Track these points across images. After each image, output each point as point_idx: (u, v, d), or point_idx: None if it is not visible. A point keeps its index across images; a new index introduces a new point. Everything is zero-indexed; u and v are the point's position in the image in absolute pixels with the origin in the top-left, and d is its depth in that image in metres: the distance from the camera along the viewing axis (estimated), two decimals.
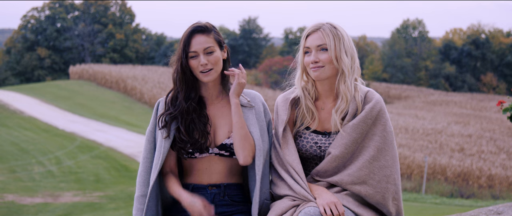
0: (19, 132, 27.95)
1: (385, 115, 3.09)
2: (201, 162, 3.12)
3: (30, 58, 66.24)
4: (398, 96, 55.61)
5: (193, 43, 3.03)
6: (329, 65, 3.05)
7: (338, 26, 3.10)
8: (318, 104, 3.17)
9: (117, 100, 42.79)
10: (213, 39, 3.06)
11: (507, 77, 67.34)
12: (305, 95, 3.15)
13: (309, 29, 3.12)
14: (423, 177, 24.69)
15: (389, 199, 3.05)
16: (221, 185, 3.12)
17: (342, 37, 3.06)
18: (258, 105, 3.18)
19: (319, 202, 2.92)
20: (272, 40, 76.19)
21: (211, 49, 3.04)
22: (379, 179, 3.02)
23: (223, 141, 3.09)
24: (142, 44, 72.18)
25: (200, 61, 3.02)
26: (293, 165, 3.06)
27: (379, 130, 3.05)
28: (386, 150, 3.05)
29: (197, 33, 3.04)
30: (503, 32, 70.44)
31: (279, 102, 3.20)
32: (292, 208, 2.96)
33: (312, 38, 3.09)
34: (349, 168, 3.03)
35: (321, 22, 3.11)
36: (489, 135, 33.79)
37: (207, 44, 3.04)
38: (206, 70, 3.04)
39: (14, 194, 17.28)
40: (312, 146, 3.12)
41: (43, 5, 69.44)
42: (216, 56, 3.06)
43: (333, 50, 3.04)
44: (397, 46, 68.38)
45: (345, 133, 3.03)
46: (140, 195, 3.12)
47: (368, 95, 3.09)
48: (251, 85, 48.49)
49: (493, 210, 4.20)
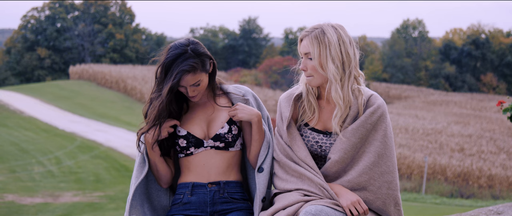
0: (19, 132, 27.95)
1: (386, 120, 3.05)
2: (198, 158, 3.14)
3: (30, 58, 66.23)
4: (398, 96, 55.61)
5: (181, 82, 3.03)
6: (316, 73, 3.01)
7: (331, 30, 3.01)
8: (321, 103, 3.14)
9: (117, 100, 42.79)
10: (200, 71, 3.05)
11: (507, 77, 67.33)
12: (308, 91, 3.13)
13: (301, 34, 3.08)
14: (423, 177, 24.70)
15: (391, 205, 3.03)
16: (221, 183, 3.14)
17: (329, 44, 2.97)
18: (251, 99, 3.22)
19: (342, 203, 2.91)
20: (272, 40, 76.16)
21: (199, 82, 3.06)
22: (379, 185, 3.00)
23: (217, 132, 3.12)
24: (142, 44, 72.18)
25: (189, 93, 3.07)
26: (307, 161, 3.04)
27: (379, 135, 3.02)
28: (387, 156, 3.03)
29: (185, 75, 3.01)
30: (503, 32, 70.43)
31: (282, 99, 3.18)
32: (300, 202, 2.94)
33: (302, 45, 3.07)
34: (349, 174, 3.01)
35: (314, 26, 3.05)
36: (489, 135, 33.79)
37: (194, 80, 3.04)
38: (193, 95, 3.09)
39: (14, 194, 17.28)
40: (313, 145, 3.11)
41: (43, 5, 69.41)
42: (203, 83, 3.08)
43: (317, 58, 2.98)
44: (397, 46, 68.38)
45: (345, 138, 3.00)
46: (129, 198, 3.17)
47: (371, 99, 3.05)
48: (251, 85, 48.48)
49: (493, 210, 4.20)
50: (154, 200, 3.22)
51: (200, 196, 3.13)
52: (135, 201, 3.10)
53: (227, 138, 3.12)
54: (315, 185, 2.99)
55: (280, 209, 2.95)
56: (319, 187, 2.97)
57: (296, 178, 3.05)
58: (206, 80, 3.08)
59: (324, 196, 2.95)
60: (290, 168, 3.08)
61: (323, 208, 2.84)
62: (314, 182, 2.98)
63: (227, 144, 3.13)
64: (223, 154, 3.14)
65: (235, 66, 62.09)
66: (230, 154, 3.16)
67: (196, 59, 3.02)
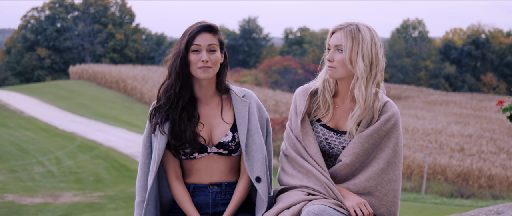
0: (19, 132, 27.95)
1: (399, 129, 3.06)
2: (201, 162, 3.12)
3: (30, 58, 66.24)
4: (398, 96, 55.61)
5: (198, 38, 3.04)
6: (342, 67, 3.01)
7: (366, 29, 3.02)
8: (336, 101, 3.13)
9: (117, 100, 42.79)
10: (217, 39, 3.08)
11: (507, 77, 67.32)
12: (325, 87, 3.12)
13: (334, 27, 3.09)
14: (423, 177, 24.70)
15: (396, 214, 3.05)
16: (222, 184, 3.13)
17: (363, 41, 2.99)
18: (252, 104, 3.17)
19: (347, 204, 2.91)
20: (272, 40, 76.13)
21: (214, 47, 3.06)
22: (386, 192, 3.01)
23: (221, 140, 3.10)
24: (142, 44, 72.18)
25: (202, 56, 3.03)
26: (316, 157, 3.04)
27: (392, 143, 3.03)
28: (395, 164, 3.04)
29: (204, 31, 3.05)
30: (503, 32, 70.43)
31: (298, 93, 3.17)
32: (303, 202, 2.92)
33: (333, 37, 3.06)
34: (357, 178, 3.02)
35: (349, 22, 3.06)
36: (489, 135, 33.79)
37: (212, 41, 3.05)
38: (205, 66, 3.04)
39: (14, 194, 17.28)
40: (322, 141, 3.10)
41: (43, 5, 69.41)
42: (217, 56, 3.07)
43: (348, 52, 2.99)
44: (397, 46, 68.38)
45: (358, 142, 3.01)
46: (139, 201, 3.13)
47: (386, 105, 3.06)
48: (251, 85, 48.48)
49: (493, 210, 4.20)
50: (163, 197, 3.21)
51: (202, 198, 3.12)
52: (150, 205, 3.10)
53: (230, 146, 3.10)
54: (320, 183, 2.98)
55: (285, 209, 2.93)
56: (324, 186, 2.97)
57: (302, 175, 3.05)
58: (219, 56, 3.08)
59: (328, 195, 2.95)
60: (297, 164, 3.07)
61: (326, 208, 2.83)
62: (320, 180, 2.98)
63: (231, 152, 3.11)
64: (226, 159, 3.13)
65: (235, 66, 62.05)
66: (232, 159, 3.15)
67: (216, 28, 3.10)
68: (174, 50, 3.09)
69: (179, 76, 3.04)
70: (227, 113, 3.15)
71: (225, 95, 3.19)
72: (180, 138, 3.05)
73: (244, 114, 3.11)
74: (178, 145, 3.06)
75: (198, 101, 3.15)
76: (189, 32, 3.05)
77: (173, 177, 3.13)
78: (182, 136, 3.05)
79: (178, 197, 3.11)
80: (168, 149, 3.11)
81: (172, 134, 3.06)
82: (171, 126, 3.07)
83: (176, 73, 3.04)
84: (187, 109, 3.10)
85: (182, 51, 3.03)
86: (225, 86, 3.17)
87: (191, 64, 3.05)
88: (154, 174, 3.07)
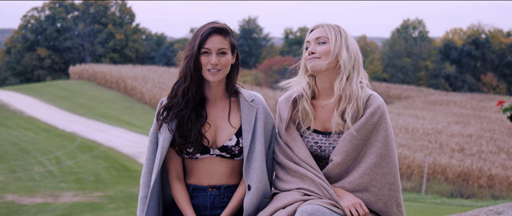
0: (19, 132, 27.95)
1: (387, 120, 3.04)
2: (202, 163, 3.12)
3: (30, 58, 66.26)
4: (398, 96, 55.61)
5: (208, 41, 3.03)
6: (325, 56, 3.02)
7: (344, 29, 3.11)
8: (318, 103, 3.13)
9: (117, 100, 42.79)
10: (228, 42, 3.08)
11: (507, 77, 67.33)
12: (303, 96, 3.12)
13: (313, 25, 3.13)
14: (423, 177, 24.70)
15: (393, 207, 3.03)
16: (221, 187, 3.13)
17: (345, 35, 3.06)
18: (260, 110, 3.15)
19: (343, 204, 2.90)
20: (272, 40, 76.18)
21: (224, 51, 3.05)
22: (381, 186, 2.99)
23: (224, 143, 3.09)
24: (142, 44, 72.20)
25: (212, 59, 3.03)
26: (307, 161, 3.04)
27: (381, 136, 3.01)
28: (388, 157, 3.02)
29: (214, 33, 3.05)
30: (503, 32, 70.45)
31: (281, 101, 3.19)
32: (299, 201, 2.92)
33: (313, 33, 3.11)
34: (351, 176, 3.01)
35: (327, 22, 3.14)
36: (489, 135, 33.80)
37: (222, 45, 3.05)
38: (214, 69, 3.04)
39: (14, 194, 17.27)
40: (313, 146, 3.10)
41: (43, 5, 69.43)
42: (227, 59, 3.06)
43: (332, 42, 3.03)
44: (397, 46, 68.39)
45: (347, 140, 3.00)
46: (143, 196, 3.15)
47: (370, 98, 3.04)
48: (251, 85, 48.48)
49: (493, 210, 4.20)
50: (166, 194, 3.22)
51: (200, 200, 3.12)
52: (152, 202, 3.11)
53: (233, 151, 3.10)
54: (315, 185, 2.98)
55: (280, 208, 2.93)
56: (319, 187, 2.96)
57: (297, 179, 3.04)
58: (230, 58, 3.08)
59: (324, 196, 2.94)
60: (291, 169, 3.07)
61: (319, 207, 2.83)
62: (315, 182, 2.98)
63: (233, 156, 3.11)
64: (228, 162, 3.13)
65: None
66: (235, 162, 3.14)
67: (227, 30, 3.09)
68: (186, 51, 3.09)
69: (194, 78, 3.05)
70: (234, 116, 3.14)
71: (234, 98, 3.18)
72: (185, 137, 3.06)
73: (250, 120, 3.10)
74: (183, 144, 3.07)
75: (207, 101, 3.16)
76: (200, 33, 3.05)
77: (174, 176, 3.14)
78: (188, 135, 3.06)
79: (177, 196, 3.11)
80: (172, 147, 3.11)
81: (179, 132, 3.07)
82: (179, 124, 3.08)
83: (191, 75, 3.05)
84: (196, 109, 3.11)
85: (195, 53, 3.03)
86: (235, 88, 3.17)
87: (201, 66, 3.06)
88: (157, 170, 3.07)
